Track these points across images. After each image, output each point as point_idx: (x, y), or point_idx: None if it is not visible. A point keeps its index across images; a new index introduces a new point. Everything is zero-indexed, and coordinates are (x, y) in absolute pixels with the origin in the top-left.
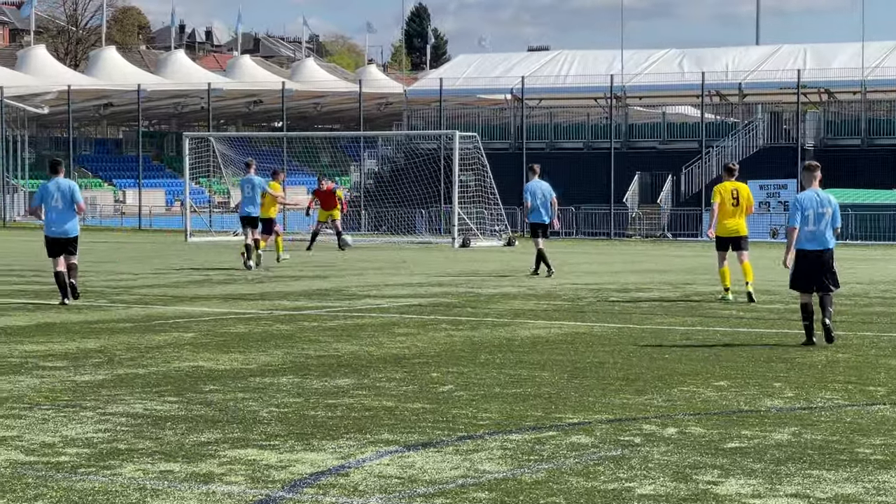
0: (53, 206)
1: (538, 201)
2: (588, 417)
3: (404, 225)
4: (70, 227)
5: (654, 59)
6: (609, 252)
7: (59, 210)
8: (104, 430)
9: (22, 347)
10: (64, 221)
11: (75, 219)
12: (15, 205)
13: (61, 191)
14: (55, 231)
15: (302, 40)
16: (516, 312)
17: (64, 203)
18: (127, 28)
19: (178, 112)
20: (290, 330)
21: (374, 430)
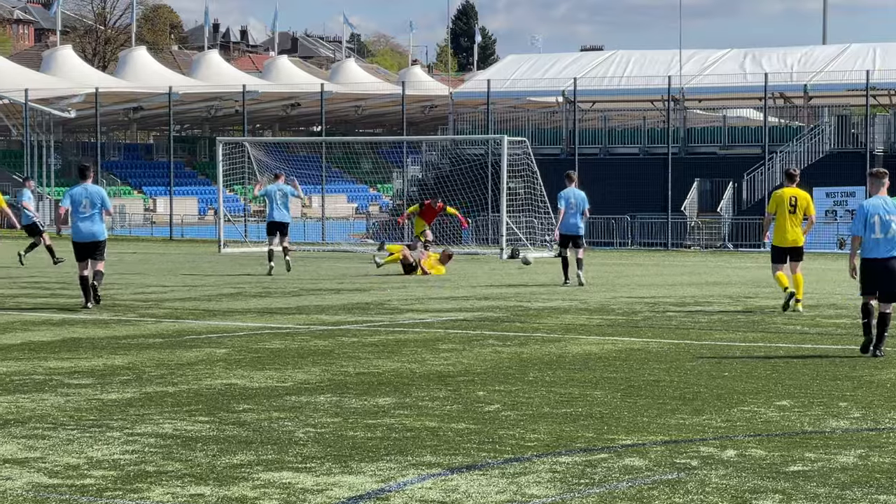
0: (82, 211)
1: (571, 210)
2: (642, 439)
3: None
4: (98, 230)
5: (714, 59)
6: (666, 263)
7: (87, 215)
8: (132, 452)
9: (46, 364)
10: (93, 225)
11: (103, 223)
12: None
13: (90, 196)
14: (84, 235)
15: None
16: (567, 327)
17: (93, 208)
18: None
19: (212, 116)
20: (329, 346)
21: (416, 452)
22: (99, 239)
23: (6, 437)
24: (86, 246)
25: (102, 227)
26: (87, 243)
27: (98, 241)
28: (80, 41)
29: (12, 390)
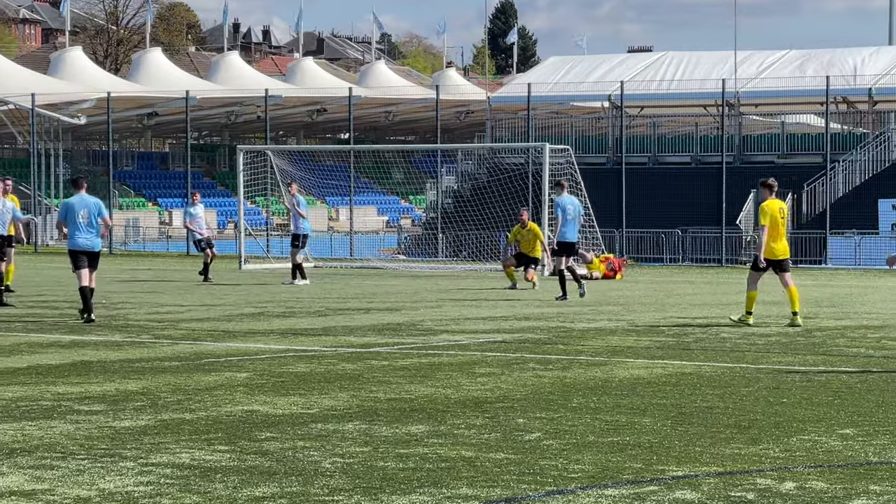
0: (80, 221)
1: (569, 217)
2: (695, 470)
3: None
4: (97, 242)
5: (771, 61)
6: (720, 281)
7: (85, 225)
8: (146, 483)
9: (55, 389)
10: (92, 236)
11: (99, 235)
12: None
13: (87, 206)
14: (82, 244)
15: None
16: (613, 350)
17: (90, 217)
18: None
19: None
20: (357, 370)
21: (452, 484)
22: (97, 250)
23: (12, 467)
24: (85, 254)
25: (99, 238)
26: (87, 252)
27: (96, 252)
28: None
29: (18, 417)
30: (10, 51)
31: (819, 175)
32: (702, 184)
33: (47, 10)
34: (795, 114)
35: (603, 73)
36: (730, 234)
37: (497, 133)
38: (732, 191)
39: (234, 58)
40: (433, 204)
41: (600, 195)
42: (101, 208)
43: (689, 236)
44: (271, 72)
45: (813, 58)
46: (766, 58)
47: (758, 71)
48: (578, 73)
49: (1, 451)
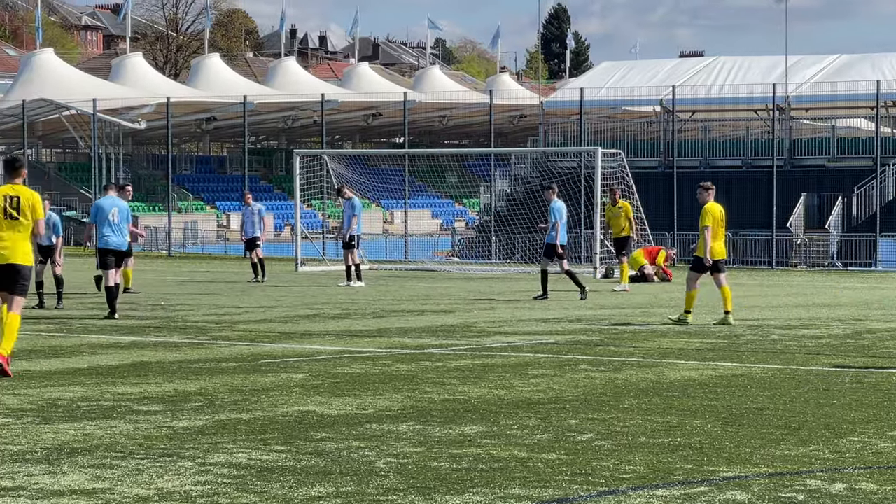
0: (110, 220)
1: (563, 220)
2: (745, 471)
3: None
4: (125, 241)
5: (822, 65)
6: (770, 283)
7: (115, 224)
8: (204, 483)
9: (114, 389)
10: (122, 235)
11: (127, 235)
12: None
13: (118, 206)
14: (112, 242)
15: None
16: (665, 351)
17: (120, 218)
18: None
19: (289, 126)
20: (412, 371)
21: (504, 484)
22: (124, 249)
23: (73, 466)
24: (114, 252)
25: (127, 239)
26: (116, 251)
27: (124, 252)
28: (150, 48)
29: (79, 417)
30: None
31: (869, 178)
32: (753, 187)
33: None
34: (846, 118)
35: (655, 77)
36: (780, 236)
37: (550, 137)
38: (783, 194)
39: (291, 63)
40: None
41: (652, 199)
42: (129, 213)
43: (740, 239)
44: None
45: (864, 62)
46: (817, 62)
47: (808, 75)
48: (631, 78)
49: (62, 450)
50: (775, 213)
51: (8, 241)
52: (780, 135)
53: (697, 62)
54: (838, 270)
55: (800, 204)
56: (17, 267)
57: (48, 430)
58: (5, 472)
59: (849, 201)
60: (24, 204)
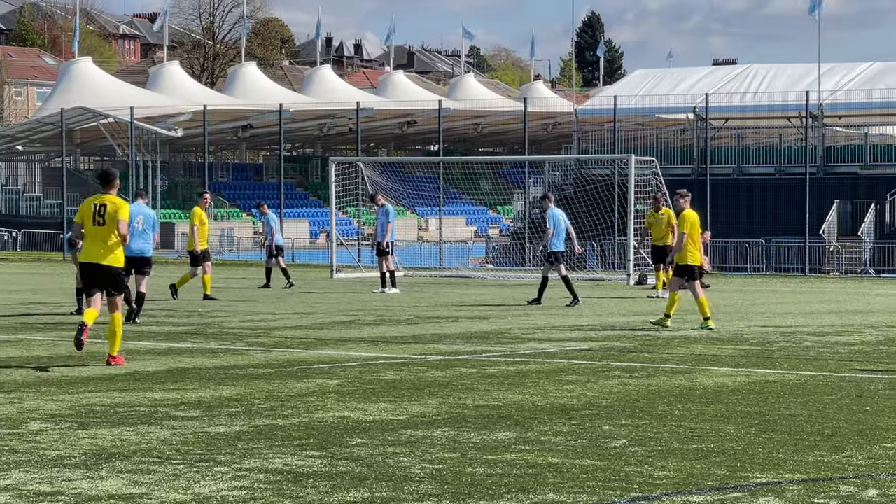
0: (134, 227)
1: (561, 227)
2: (778, 477)
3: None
4: (146, 248)
5: (855, 72)
6: (803, 290)
7: (139, 231)
8: (240, 488)
9: (152, 395)
10: (143, 242)
11: (150, 242)
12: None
13: (144, 214)
14: (133, 250)
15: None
16: (698, 358)
17: (146, 225)
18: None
19: (324, 134)
20: (446, 377)
21: (538, 490)
22: (146, 255)
23: (111, 471)
24: (134, 260)
25: (150, 245)
26: (135, 258)
27: (146, 258)
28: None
29: (117, 422)
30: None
31: None
32: (785, 194)
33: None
34: (878, 125)
35: (688, 85)
36: (813, 243)
37: (583, 144)
38: (816, 201)
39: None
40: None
41: None
42: (155, 221)
43: (773, 246)
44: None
45: None
46: (850, 70)
47: (841, 83)
48: (664, 86)
49: (100, 455)
50: (808, 220)
51: (97, 245)
52: (813, 142)
53: (731, 70)
54: (871, 277)
55: (832, 211)
56: (105, 267)
57: (86, 435)
58: (44, 476)
59: (881, 208)
60: (111, 212)
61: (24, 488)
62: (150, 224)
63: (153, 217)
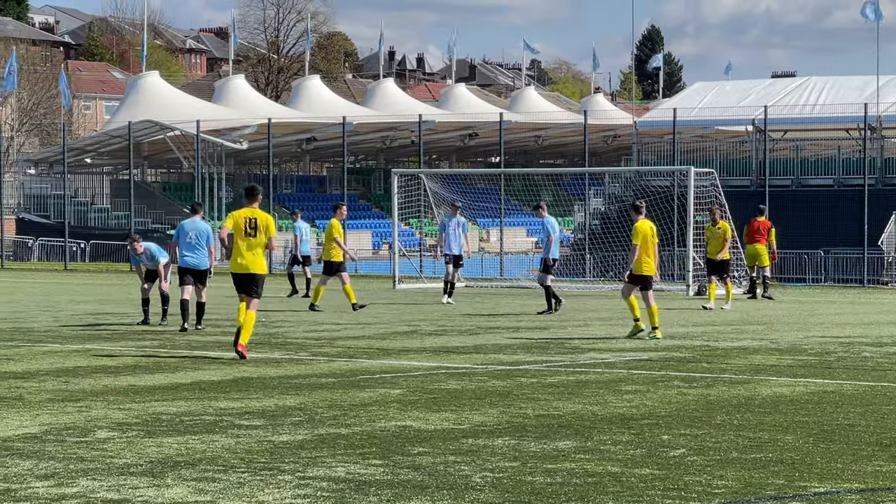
0: (188, 241)
1: (557, 236)
2: (836, 486)
3: None
4: (200, 261)
5: None
6: (861, 301)
7: (192, 245)
8: (303, 496)
9: (217, 404)
10: (196, 255)
11: (206, 255)
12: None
13: (197, 229)
14: (188, 262)
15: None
16: (756, 368)
17: (198, 239)
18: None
19: (387, 146)
20: (507, 386)
21: (598, 498)
22: (201, 268)
23: (176, 479)
24: (189, 271)
25: (205, 258)
26: (190, 269)
27: (200, 270)
28: (252, 70)
29: (182, 431)
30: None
31: None
32: (844, 206)
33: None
34: None
35: (747, 97)
36: (872, 255)
37: (643, 156)
38: (874, 212)
39: (389, 84)
40: (581, 225)
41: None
42: (210, 234)
43: (832, 257)
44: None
45: None
46: None
47: None
48: (723, 98)
49: (166, 463)
50: (866, 232)
51: (247, 255)
52: (872, 154)
53: (789, 82)
54: None
55: (891, 222)
56: (254, 275)
57: (152, 443)
58: (111, 484)
59: None
60: (260, 224)
61: (91, 496)
62: (203, 238)
63: (207, 231)
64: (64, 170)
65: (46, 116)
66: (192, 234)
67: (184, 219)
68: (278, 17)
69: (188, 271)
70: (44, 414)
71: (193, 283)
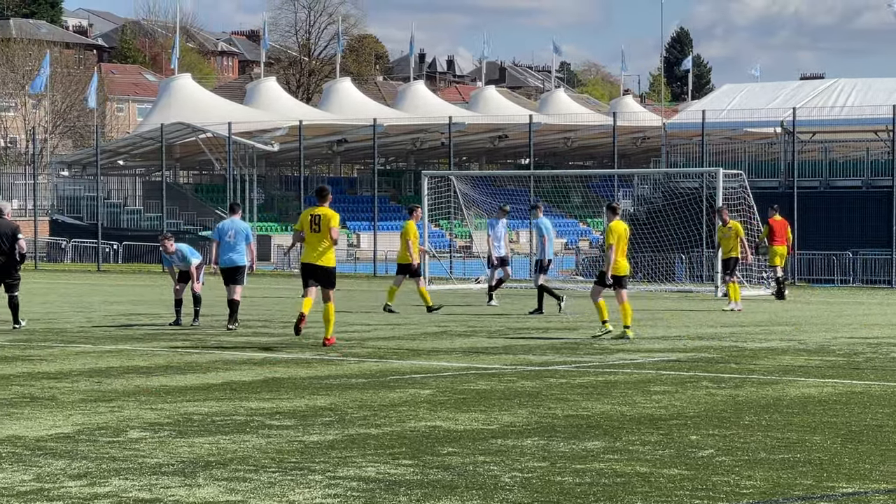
0: (227, 241)
1: (552, 236)
2: (864, 487)
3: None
4: (238, 258)
5: None
6: (890, 302)
7: (231, 245)
8: (334, 496)
9: (248, 404)
10: (234, 253)
11: (244, 252)
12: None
13: (236, 229)
14: (225, 260)
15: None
16: (785, 369)
17: (237, 238)
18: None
19: (417, 148)
20: (536, 387)
21: (626, 499)
22: (238, 265)
23: (207, 479)
24: (227, 270)
25: (243, 256)
26: (229, 268)
27: (238, 266)
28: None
29: (214, 431)
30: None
31: None
32: (872, 207)
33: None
34: None
35: (775, 99)
36: None
37: (672, 158)
38: None
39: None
40: None
41: None
42: (249, 233)
43: (860, 258)
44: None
45: None
46: None
47: None
48: (751, 100)
49: (197, 463)
50: (894, 233)
51: (314, 250)
52: None
53: (818, 84)
54: None
55: None
56: (319, 267)
57: (184, 443)
58: (143, 484)
59: None
60: (323, 220)
61: (123, 495)
62: (241, 237)
63: (246, 230)
64: (97, 171)
65: (80, 119)
66: (231, 233)
67: (221, 219)
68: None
69: (227, 270)
70: (76, 414)
71: (232, 281)
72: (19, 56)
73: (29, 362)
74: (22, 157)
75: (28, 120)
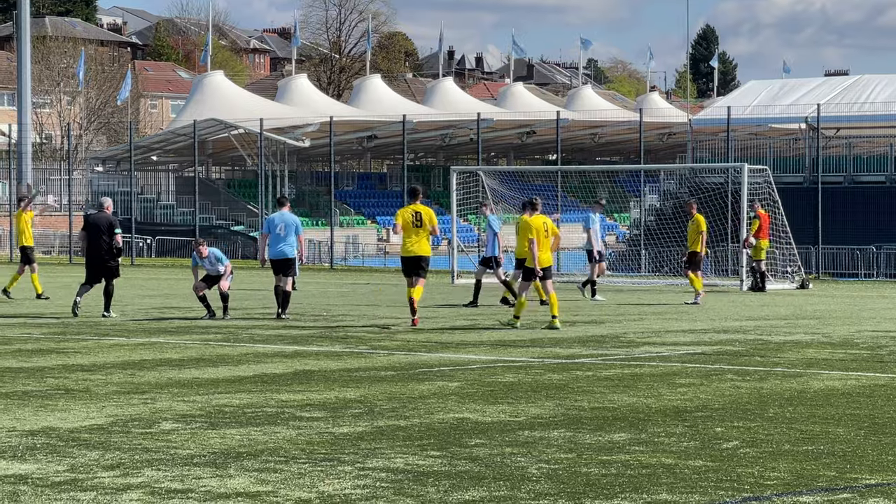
0: (277, 233)
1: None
2: (887, 478)
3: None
4: (288, 249)
5: None
6: None
7: (281, 237)
8: (363, 487)
9: (278, 396)
10: (284, 246)
11: (295, 244)
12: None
13: (285, 221)
14: (276, 253)
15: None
16: (809, 362)
17: (287, 231)
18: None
19: (446, 144)
20: (563, 379)
21: (652, 490)
22: (288, 256)
23: (238, 470)
24: (277, 262)
25: (293, 248)
26: (279, 260)
27: (288, 259)
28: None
29: (245, 423)
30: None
31: None
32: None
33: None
34: None
35: (800, 96)
36: None
37: (698, 154)
38: None
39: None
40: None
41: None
42: (298, 225)
43: (884, 253)
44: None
45: None
46: None
47: None
48: (776, 96)
49: (228, 454)
50: None
51: (417, 241)
52: None
53: (843, 80)
54: None
55: None
56: (421, 257)
57: (215, 435)
58: (175, 474)
59: None
60: (424, 217)
61: (155, 486)
62: (291, 229)
63: (296, 222)
64: (131, 167)
65: (114, 115)
66: (281, 225)
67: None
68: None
69: (278, 261)
70: (110, 406)
71: (283, 273)
72: (55, 54)
73: (64, 355)
74: (57, 152)
75: (63, 116)
